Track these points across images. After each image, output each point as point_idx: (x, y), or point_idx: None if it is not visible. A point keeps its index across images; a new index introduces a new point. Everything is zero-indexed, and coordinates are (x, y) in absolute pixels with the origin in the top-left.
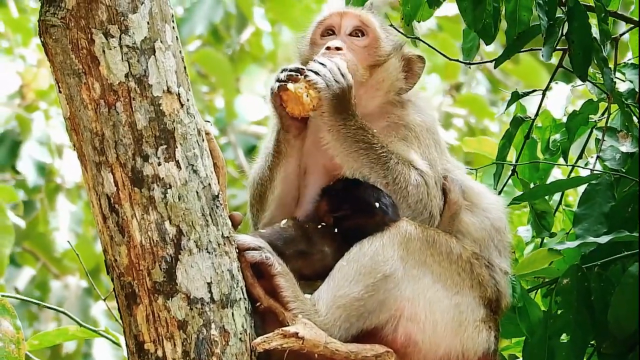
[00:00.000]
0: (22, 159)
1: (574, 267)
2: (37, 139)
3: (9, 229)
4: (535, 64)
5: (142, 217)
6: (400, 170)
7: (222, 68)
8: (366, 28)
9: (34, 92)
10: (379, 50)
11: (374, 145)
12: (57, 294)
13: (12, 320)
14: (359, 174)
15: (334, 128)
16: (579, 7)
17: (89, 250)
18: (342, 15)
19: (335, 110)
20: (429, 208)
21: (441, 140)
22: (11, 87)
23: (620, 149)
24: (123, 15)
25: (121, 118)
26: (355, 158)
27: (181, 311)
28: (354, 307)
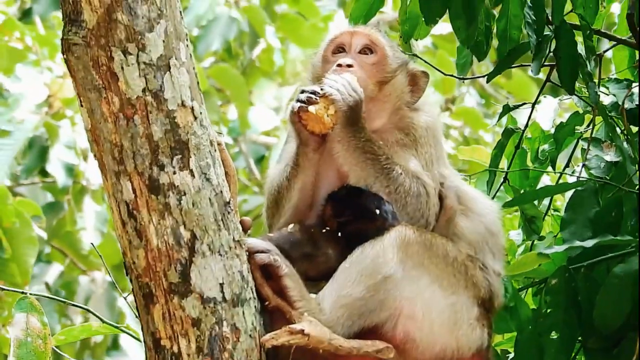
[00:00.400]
0: (51, 161)
1: (561, 269)
2: (64, 143)
3: (33, 240)
4: (525, 78)
5: (159, 222)
6: (402, 181)
7: (236, 82)
8: (375, 46)
9: (61, 101)
10: (387, 67)
11: (379, 157)
12: (85, 288)
13: (39, 316)
14: (364, 182)
15: (344, 139)
16: (565, 26)
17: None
18: (353, 34)
19: (347, 122)
20: (425, 216)
21: (441, 143)
22: (39, 97)
23: (604, 158)
24: (140, 34)
25: (139, 130)
26: (362, 168)
27: (195, 310)
28: (356, 306)
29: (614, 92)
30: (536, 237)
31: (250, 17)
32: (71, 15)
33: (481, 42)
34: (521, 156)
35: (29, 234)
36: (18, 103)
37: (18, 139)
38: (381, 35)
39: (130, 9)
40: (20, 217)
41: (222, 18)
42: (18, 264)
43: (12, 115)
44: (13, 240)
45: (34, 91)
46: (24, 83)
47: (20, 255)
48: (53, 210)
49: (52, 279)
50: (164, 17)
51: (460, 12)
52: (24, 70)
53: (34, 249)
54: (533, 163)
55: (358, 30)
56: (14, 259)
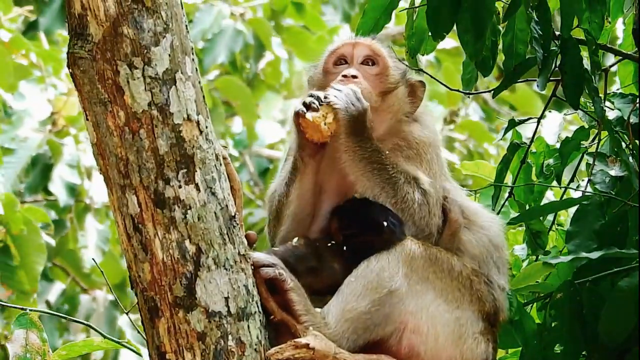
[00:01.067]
0: (54, 180)
1: (566, 283)
2: (67, 162)
3: (41, 247)
4: (530, 92)
5: (164, 236)
6: (407, 190)
7: (243, 94)
8: (377, 57)
9: (64, 119)
10: (389, 78)
11: (386, 167)
12: (86, 307)
13: (39, 333)
14: (371, 192)
15: (350, 149)
16: (572, 41)
17: (115, 266)
18: (355, 46)
19: (352, 132)
20: (430, 225)
21: (442, 157)
22: (43, 114)
23: (609, 172)
24: (146, 48)
25: (144, 144)
26: (368, 178)
27: (200, 324)
28: (361, 320)
29: (619, 107)
30: (542, 251)
31: (256, 29)
32: (77, 29)
33: (487, 57)
34: (526, 171)
35: (37, 242)
36: (22, 121)
37: (22, 157)
38: (382, 46)
39: (136, 22)
40: (29, 225)
41: (227, 31)
42: (26, 272)
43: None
44: (21, 248)
45: (37, 108)
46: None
47: (29, 262)
48: (56, 229)
49: (54, 297)
50: (169, 31)
51: (469, 27)
52: (27, 87)
53: (42, 257)
54: (538, 178)
55: (360, 41)
56: (22, 266)
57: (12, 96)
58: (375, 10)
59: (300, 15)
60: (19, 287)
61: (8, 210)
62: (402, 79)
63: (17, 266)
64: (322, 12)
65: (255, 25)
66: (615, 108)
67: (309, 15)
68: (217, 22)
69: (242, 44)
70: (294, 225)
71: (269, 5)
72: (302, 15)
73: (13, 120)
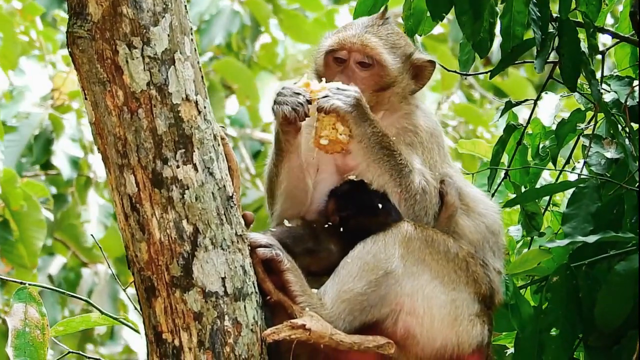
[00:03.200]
0: (57, 154)
1: (563, 266)
2: (69, 136)
3: (41, 223)
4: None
5: (162, 216)
6: (413, 178)
7: (243, 75)
8: (373, 59)
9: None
10: (386, 76)
11: (394, 152)
12: (88, 280)
13: (38, 307)
14: (381, 179)
15: (365, 136)
16: (569, 23)
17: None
18: (350, 49)
19: (359, 120)
20: (429, 214)
21: (444, 144)
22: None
23: (605, 155)
24: (145, 28)
25: (143, 124)
26: (380, 165)
27: (197, 304)
28: (358, 301)
29: (615, 90)
30: (536, 233)
31: (253, 10)
32: (76, 9)
33: (484, 38)
34: (522, 152)
35: (37, 217)
36: (22, 96)
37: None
38: (380, 43)
39: (135, 2)
40: (29, 200)
41: (225, 12)
42: (26, 246)
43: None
44: (21, 223)
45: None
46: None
47: (28, 237)
48: (57, 203)
49: (55, 270)
50: (169, 11)
51: (467, 8)
52: (28, 64)
53: (42, 232)
54: (534, 159)
55: (355, 47)
56: (22, 241)
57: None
58: None
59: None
60: (19, 262)
61: (8, 186)
62: (405, 67)
63: (17, 241)
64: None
65: (252, 6)
66: (611, 90)
67: None
68: (215, 4)
69: (239, 25)
70: (288, 203)
71: None
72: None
73: (14, 96)
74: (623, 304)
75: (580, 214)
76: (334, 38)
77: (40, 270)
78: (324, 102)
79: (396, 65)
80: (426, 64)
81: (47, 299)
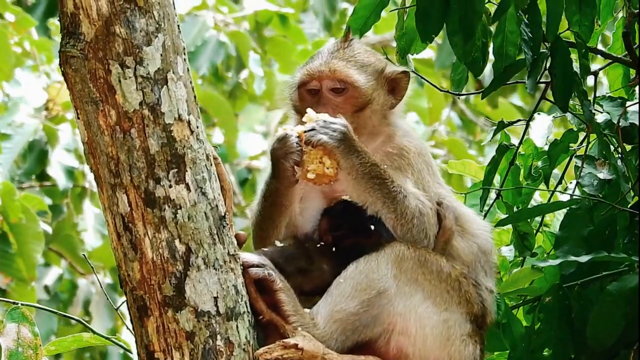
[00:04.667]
0: (52, 164)
1: (555, 286)
2: (64, 146)
3: (39, 235)
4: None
5: (154, 235)
6: (407, 204)
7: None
8: (344, 83)
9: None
10: (361, 97)
11: (385, 181)
12: (85, 290)
13: (30, 327)
14: (374, 208)
15: (353, 169)
16: (562, 44)
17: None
18: (320, 79)
19: (347, 152)
20: (428, 236)
21: (432, 163)
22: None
23: (598, 175)
24: (138, 48)
25: (135, 143)
26: (370, 194)
27: (189, 323)
28: (350, 321)
29: (607, 110)
30: (529, 253)
31: (237, 42)
32: (69, 28)
33: (478, 58)
34: (514, 173)
35: (35, 230)
36: (17, 107)
37: (18, 143)
38: (348, 67)
39: (128, 22)
40: (27, 213)
41: (210, 42)
42: (24, 259)
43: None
44: (19, 236)
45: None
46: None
47: (27, 250)
48: (53, 214)
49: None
50: (162, 30)
51: (458, 28)
52: (23, 75)
53: (40, 244)
54: (526, 180)
55: (324, 75)
56: (20, 254)
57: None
58: (365, 9)
59: (284, 28)
60: (18, 275)
61: (6, 199)
62: (377, 85)
63: (15, 254)
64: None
65: (236, 38)
66: (604, 111)
67: (292, 28)
68: (201, 35)
69: (223, 55)
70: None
71: (254, 16)
72: (286, 28)
73: (9, 107)
74: (615, 324)
75: (573, 238)
76: (303, 71)
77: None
78: (310, 136)
79: (369, 83)
80: (400, 75)
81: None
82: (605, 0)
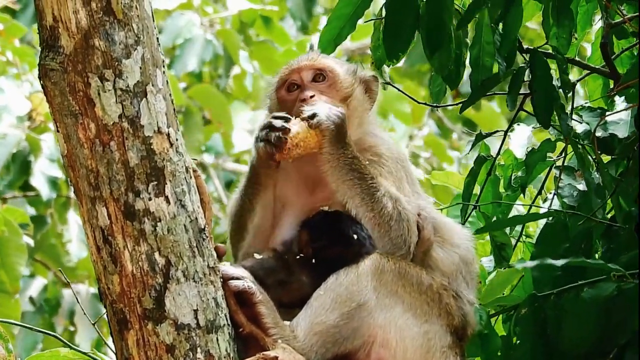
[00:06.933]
0: (35, 175)
1: (531, 297)
2: (47, 156)
3: (22, 247)
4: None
5: (134, 248)
6: (386, 203)
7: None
8: (325, 72)
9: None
10: (343, 84)
11: (365, 176)
12: (69, 301)
13: (4, 343)
14: (351, 202)
15: (333, 157)
16: (540, 58)
17: None
18: (300, 70)
19: (335, 139)
20: (408, 243)
21: (412, 172)
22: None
23: (577, 187)
24: (117, 61)
25: (115, 156)
26: (349, 186)
27: (169, 336)
28: (330, 333)
29: (587, 121)
30: (506, 264)
31: (225, 40)
32: (48, 41)
33: (453, 70)
34: (494, 183)
35: (17, 242)
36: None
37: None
38: (324, 57)
39: (107, 35)
40: (9, 226)
41: (198, 40)
42: (7, 272)
43: None
44: (2, 248)
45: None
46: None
47: (10, 263)
48: (36, 224)
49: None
50: (140, 43)
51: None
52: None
53: (23, 257)
54: (506, 190)
55: (302, 64)
56: (3, 266)
57: None
58: (339, 19)
59: (268, 29)
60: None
61: None
62: (355, 79)
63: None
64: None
65: (224, 37)
66: (583, 121)
67: (276, 29)
68: (188, 29)
69: (211, 54)
70: (257, 239)
71: (238, 17)
72: (270, 30)
73: None
74: (589, 330)
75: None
76: (281, 71)
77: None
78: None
79: (347, 74)
80: (371, 78)
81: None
82: (583, 11)
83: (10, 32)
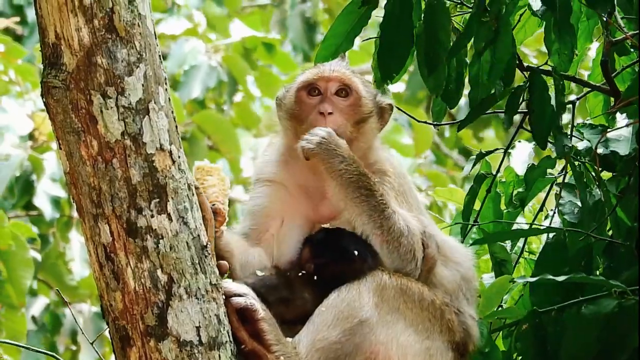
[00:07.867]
0: (38, 195)
1: (532, 313)
2: (49, 176)
3: (29, 262)
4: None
5: (136, 265)
6: (395, 220)
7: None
8: (350, 89)
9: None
10: (363, 107)
11: (374, 193)
12: (71, 320)
13: None
14: (359, 220)
15: (335, 173)
16: (539, 78)
17: None
18: (328, 80)
19: (329, 156)
20: (416, 259)
21: (414, 189)
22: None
23: (578, 204)
24: (119, 78)
25: (117, 173)
26: (357, 204)
27: (172, 353)
28: (332, 349)
29: (588, 138)
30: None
31: (230, 66)
32: (51, 59)
33: (452, 89)
34: (495, 200)
35: (24, 256)
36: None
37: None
38: (354, 76)
39: (110, 52)
40: (16, 240)
41: (202, 66)
42: (14, 286)
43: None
44: (9, 262)
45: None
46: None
47: (16, 277)
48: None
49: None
50: (143, 61)
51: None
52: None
53: (30, 271)
54: (507, 207)
55: (333, 75)
56: (10, 280)
57: None
58: (336, 37)
59: (270, 56)
60: (7, 301)
61: None
62: (373, 106)
63: (5, 280)
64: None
65: (229, 62)
66: (584, 139)
67: (278, 55)
68: (193, 55)
69: (216, 80)
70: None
71: (241, 43)
72: (272, 56)
73: None
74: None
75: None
76: (309, 73)
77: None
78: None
79: (369, 98)
80: (387, 106)
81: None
82: (583, 28)
83: (11, 54)
